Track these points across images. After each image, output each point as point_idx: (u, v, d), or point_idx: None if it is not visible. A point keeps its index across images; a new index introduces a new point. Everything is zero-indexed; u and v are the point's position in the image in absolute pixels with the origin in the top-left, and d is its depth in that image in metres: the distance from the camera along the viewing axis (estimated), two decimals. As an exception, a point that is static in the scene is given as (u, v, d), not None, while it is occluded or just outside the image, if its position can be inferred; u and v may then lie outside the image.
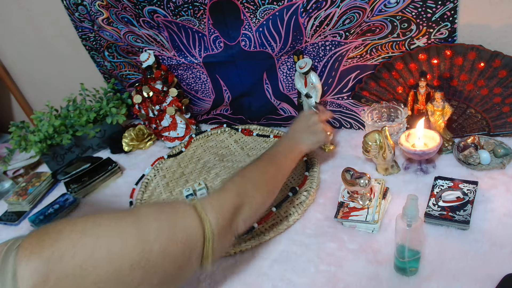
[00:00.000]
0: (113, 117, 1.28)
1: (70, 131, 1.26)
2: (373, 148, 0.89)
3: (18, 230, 1.07)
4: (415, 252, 0.67)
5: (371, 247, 0.76)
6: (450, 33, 0.86)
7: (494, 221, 0.75)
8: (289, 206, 0.90)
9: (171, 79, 1.20)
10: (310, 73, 1.00)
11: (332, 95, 1.07)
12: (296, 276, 0.75)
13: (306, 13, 0.91)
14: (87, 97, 1.33)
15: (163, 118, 1.22)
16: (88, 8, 1.14)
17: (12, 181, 1.30)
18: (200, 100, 1.26)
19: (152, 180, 1.12)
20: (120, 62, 1.30)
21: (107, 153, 1.32)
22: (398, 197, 0.86)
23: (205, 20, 1.03)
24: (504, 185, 0.82)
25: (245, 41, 1.03)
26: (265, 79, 1.12)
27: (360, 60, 0.98)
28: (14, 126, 1.25)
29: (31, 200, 1.14)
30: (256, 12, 0.96)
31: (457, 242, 0.73)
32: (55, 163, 1.26)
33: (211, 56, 1.11)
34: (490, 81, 0.86)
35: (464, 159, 0.88)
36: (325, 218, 0.86)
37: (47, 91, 1.56)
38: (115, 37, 1.18)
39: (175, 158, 1.20)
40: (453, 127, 0.97)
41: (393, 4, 0.85)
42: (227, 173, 1.07)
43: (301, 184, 0.95)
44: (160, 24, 1.08)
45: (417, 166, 0.91)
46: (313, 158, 1.01)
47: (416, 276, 0.69)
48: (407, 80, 0.96)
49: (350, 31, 0.92)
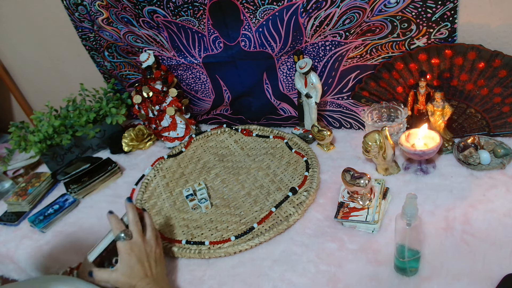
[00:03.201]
0: (113, 117, 1.28)
1: (70, 131, 1.26)
2: (373, 148, 0.89)
3: (18, 231, 1.07)
4: (415, 252, 0.67)
5: (371, 247, 0.76)
6: (450, 33, 0.86)
7: (494, 221, 0.75)
8: (289, 206, 0.90)
9: (171, 79, 1.20)
10: (310, 73, 1.00)
11: (332, 95, 1.07)
12: (296, 276, 0.75)
13: (306, 13, 0.91)
14: (87, 97, 1.33)
15: (163, 118, 1.22)
16: (88, 8, 1.14)
17: (12, 181, 1.30)
18: (200, 100, 1.26)
19: (152, 180, 1.12)
20: (120, 62, 1.30)
21: (107, 153, 1.32)
22: (398, 197, 0.86)
23: (204, 20, 1.03)
24: (504, 185, 0.82)
25: (245, 41, 1.03)
26: (265, 79, 1.12)
27: (360, 60, 0.98)
28: (14, 126, 1.25)
29: (30, 200, 1.14)
30: (256, 12, 0.96)
31: (457, 242, 0.73)
32: (55, 163, 1.26)
33: (211, 56, 1.11)
34: (490, 81, 0.86)
35: (464, 159, 0.88)
36: (325, 218, 0.86)
37: (47, 91, 1.56)
38: (115, 37, 1.18)
39: (175, 158, 1.19)
40: (453, 127, 0.97)
41: (393, 4, 0.85)
42: (227, 173, 1.07)
43: (301, 184, 0.95)
44: (160, 24, 1.08)
45: (417, 166, 0.91)
46: (313, 158, 1.01)
47: (416, 276, 0.69)
48: (407, 80, 0.96)
49: (350, 31, 0.92)
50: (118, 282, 0.71)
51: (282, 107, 1.17)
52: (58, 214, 1.06)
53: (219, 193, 1.01)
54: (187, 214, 0.97)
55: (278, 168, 1.04)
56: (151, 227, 0.78)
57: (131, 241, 0.73)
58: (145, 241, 0.75)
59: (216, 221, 0.93)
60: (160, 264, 0.76)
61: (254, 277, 0.77)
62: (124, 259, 0.72)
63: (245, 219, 0.91)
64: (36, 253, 0.98)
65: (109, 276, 0.72)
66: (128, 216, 0.76)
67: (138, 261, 0.72)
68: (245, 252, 0.83)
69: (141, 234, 0.75)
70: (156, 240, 0.78)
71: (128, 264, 0.71)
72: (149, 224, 0.78)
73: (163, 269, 0.77)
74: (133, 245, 0.73)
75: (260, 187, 0.99)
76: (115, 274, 0.71)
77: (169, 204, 1.02)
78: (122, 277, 0.71)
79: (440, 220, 0.78)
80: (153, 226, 0.79)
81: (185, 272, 0.82)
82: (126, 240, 0.73)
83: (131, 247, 0.73)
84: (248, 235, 0.86)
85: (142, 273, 0.72)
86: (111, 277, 0.72)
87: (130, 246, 0.72)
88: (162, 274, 0.76)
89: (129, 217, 0.76)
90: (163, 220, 0.97)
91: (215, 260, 0.83)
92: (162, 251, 0.79)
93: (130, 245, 0.73)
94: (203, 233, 0.90)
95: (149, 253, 0.75)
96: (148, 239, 0.76)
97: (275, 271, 0.77)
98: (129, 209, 0.77)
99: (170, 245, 0.88)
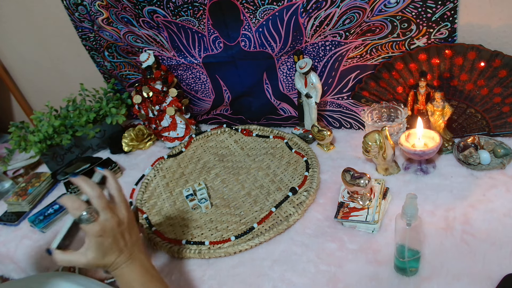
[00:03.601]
0: (113, 117, 1.28)
1: (69, 131, 1.26)
2: (373, 148, 0.89)
3: (18, 231, 1.07)
4: (415, 252, 0.67)
5: (371, 247, 0.76)
6: (450, 33, 0.86)
7: (494, 221, 0.75)
8: (289, 206, 0.90)
9: (171, 79, 1.20)
10: (310, 73, 1.00)
11: (332, 95, 1.07)
12: (296, 276, 0.75)
13: (306, 13, 0.91)
14: (87, 97, 1.33)
15: (163, 118, 1.22)
16: (88, 8, 1.14)
17: (12, 181, 1.30)
18: (200, 100, 1.26)
19: (152, 180, 1.12)
20: (120, 62, 1.30)
21: (107, 153, 1.32)
22: (398, 197, 0.86)
23: (204, 20, 1.03)
24: (504, 185, 0.82)
25: (245, 41, 1.03)
26: (265, 79, 1.12)
27: (360, 60, 0.98)
28: (14, 126, 1.25)
29: (30, 200, 1.14)
30: (255, 12, 0.96)
31: (457, 242, 0.73)
32: (55, 163, 1.26)
33: (211, 56, 1.11)
34: (490, 81, 0.86)
35: (464, 159, 0.88)
36: (325, 218, 0.86)
37: (47, 91, 1.56)
38: (115, 37, 1.18)
39: (175, 158, 1.19)
40: (453, 127, 0.97)
41: (393, 4, 0.85)
42: (227, 173, 1.07)
43: (301, 184, 0.95)
44: (160, 24, 1.08)
45: (417, 166, 0.91)
46: (313, 158, 1.01)
47: (416, 276, 0.69)
48: (407, 80, 0.96)
49: (350, 31, 0.92)
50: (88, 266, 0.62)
51: (282, 107, 1.17)
52: (58, 214, 1.06)
53: (219, 193, 1.01)
54: (187, 214, 0.97)
55: (278, 168, 1.04)
56: (117, 190, 0.65)
57: (100, 222, 0.60)
58: (115, 212, 0.62)
59: (216, 221, 0.93)
60: (133, 232, 0.66)
61: (254, 277, 0.77)
62: (94, 243, 0.60)
63: (245, 219, 0.91)
64: (36, 253, 0.98)
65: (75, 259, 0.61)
66: (85, 191, 0.61)
67: (113, 241, 0.61)
68: (245, 252, 0.83)
69: (109, 207, 0.61)
70: (125, 204, 0.65)
71: (100, 248, 0.60)
72: (113, 187, 0.65)
73: (137, 236, 0.67)
74: (103, 226, 0.60)
75: (260, 187, 0.99)
76: (83, 258, 0.61)
77: (169, 204, 1.02)
78: (93, 261, 0.61)
79: (440, 220, 0.78)
80: (119, 188, 0.65)
81: (185, 272, 0.82)
82: (92, 221, 0.59)
83: (101, 228, 0.60)
84: (248, 235, 0.86)
85: (117, 251, 0.62)
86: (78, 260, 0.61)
87: (100, 228, 0.60)
88: (137, 243, 0.67)
89: (87, 191, 0.61)
90: (163, 220, 0.97)
91: (215, 260, 0.83)
92: (132, 214, 0.67)
93: (99, 227, 0.59)
94: (203, 233, 0.90)
95: (122, 225, 0.63)
96: (118, 207, 0.64)
97: (275, 271, 0.77)
98: (80, 182, 0.61)
99: (170, 245, 0.88)
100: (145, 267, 0.65)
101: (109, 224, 0.61)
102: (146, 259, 0.67)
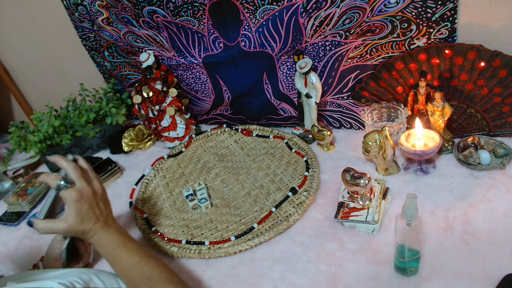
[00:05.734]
0: (113, 117, 1.28)
1: (70, 131, 1.26)
2: (373, 148, 0.89)
3: (18, 231, 1.07)
4: (415, 252, 0.67)
5: (371, 247, 0.76)
6: (450, 33, 0.86)
7: (494, 221, 0.75)
8: (289, 206, 0.90)
9: (171, 79, 1.20)
10: (310, 73, 1.00)
11: (332, 95, 1.07)
12: (296, 276, 0.75)
13: (306, 13, 0.91)
14: (87, 97, 1.33)
15: (163, 118, 1.22)
16: (88, 8, 1.14)
17: (12, 181, 1.30)
18: (200, 100, 1.26)
19: (152, 180, 1.12)
20: (120, 62, 1.30)
21: (107, 153, 1.32)
22: (398, 197, 0.86)
23: (204, 20, 1.03)
24: (504, 185, 0.82)
25: (245, 41, 1.03)
26: (265, 79, 1.12)
27: (360, 60, 0.98)
28: (14, 126, 1.25)
29: (30, 200, 1.14)
30: (255, 12, 0.96)
31: (457, 242, 0.73)
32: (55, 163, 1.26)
33: (211, 56, 1.11)
34: (490, 81, 0.86)
35: (464, 159, 0.88)
36: (325, 218, 0.86)
37: (47, 91, 1.56)
38: (115, 37, 1.18)
39: (175, 158, 1.19)
40: (453, 127, 0.97)
41: (393, 4, 0.85)
42: (227, 173, 1.07)
43: (301, 184, 0.95)
44: (160, 24, 1.08)
45: (417, 166, 0.91)
46: (313, 158, 1.01)
47: (416, 276, 0.69)
48: (407, 80, 0.96)
49: (350, 31, 0.92)
50: (69, 232, 0.69)
51: (282, 107, 1.17)
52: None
53: (219, 193, 1.01)
54: (187, 214, 0.97)
55: (278, 168, 1.04)
56: (88, 167, 0.75)
57: (77, 188, 0.69)
58: (90, 183, 0.71)
59: (216, 221, 0.93)
60: (107, 205, 0.75)
61: (254, 277, 0.77)
62: (73, 208, 0.68)
63: (245, 219, 0.91)
64: (36, 253, 0.97)
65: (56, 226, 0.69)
66: (61, 165, 0.70)
67: (90, 207, 0.69)
68: (245, 252, 0.83)
69: (83, 177, 0.71)
70: (97, 178, 0.75)
71: (79, 213, 0.68)
72: (85, 165, 0.74)
73: (110, 208, 0.76)
74: (80, 192, 0.69)
75: (260, 187, 0.99)
76: (63, 224, 0.68)
77: (169, 204, 1.02)
78: (73, 226, 0.68)
79: (440, 220, 0.78)
80: (91, 167, 0.75)
81: (185, 272, 0.82)
82: (69, 187, 0.68)
83: (79, 194, 0.68)
84: (248, 235, 0.86)
85: (94, 218, 0.70)
86: (59, 227, 0.68)
87: (78, 193, 0.68)
88: (111, 214, 0.75)
89: (63, 165, 0.70)
90: (163, 220, 0.97)
91: (215, 260, 0.83)
92: (105, 190, 0.76)
93: (77, 193, 0.68)
94: (203, 233, 0.90)
95: (96, 194, 0.72)
96: (93, 180, 0.73)
97: (275, 271, 0.77)
98: (56, 158, 0.71)
99: (170, 245, 0.88)
100: (121, 231, 0.73)
101: (85, 191, 0.70)
102: (121, 227, 0.74)
